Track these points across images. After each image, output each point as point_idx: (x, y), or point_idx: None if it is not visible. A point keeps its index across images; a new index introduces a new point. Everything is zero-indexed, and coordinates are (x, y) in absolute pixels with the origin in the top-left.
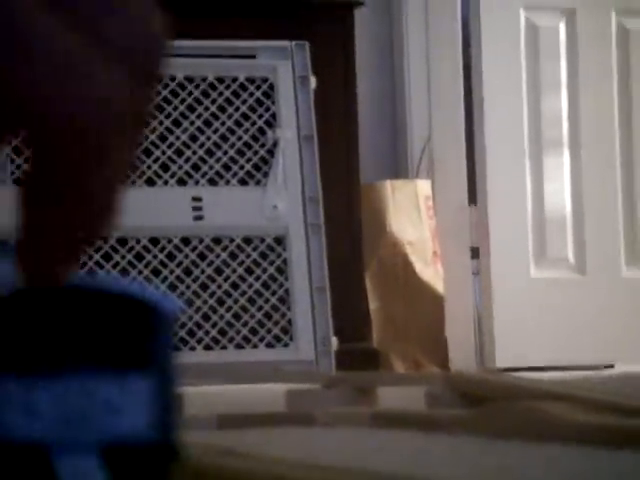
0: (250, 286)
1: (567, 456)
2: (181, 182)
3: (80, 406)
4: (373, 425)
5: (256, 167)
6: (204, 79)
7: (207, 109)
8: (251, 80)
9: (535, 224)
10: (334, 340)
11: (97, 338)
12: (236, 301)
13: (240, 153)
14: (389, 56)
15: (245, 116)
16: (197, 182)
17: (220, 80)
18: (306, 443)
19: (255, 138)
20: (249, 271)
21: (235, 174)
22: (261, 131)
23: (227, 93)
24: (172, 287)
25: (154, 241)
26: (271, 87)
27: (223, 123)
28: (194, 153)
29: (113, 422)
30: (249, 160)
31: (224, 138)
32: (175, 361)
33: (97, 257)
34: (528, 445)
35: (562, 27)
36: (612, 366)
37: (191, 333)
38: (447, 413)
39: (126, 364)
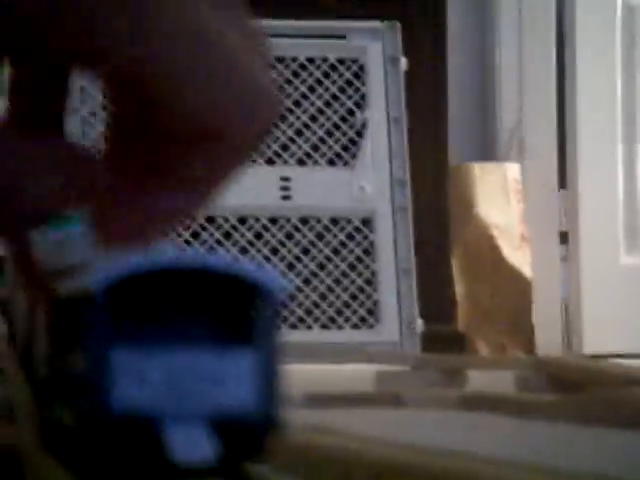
0: (336, 267)
1: None
2: (270, 162)
3: (189, 378)
4: (462, 408)
5: (344, 148)
6: (295, 59)
7: (297, 89)
8: (341, 61)
9: (626, 210)
10: (419, 322)
11: (206, 314)
12: (322, 281)
13: (329, 134)
14: (480, 37)
15: (334, 97)
16: (285, 162)
17: (310, 60)
18: (394, 424)
19: (344, 119)
20: (336, 252)
21: (323, 155)
22: (350, 112)
23: (317, 73)
24: (260, 266)
25: (242, 220)
26: (361, 68)
27: (312, 103)
28: (283, 133)
29: (220, 394)
30: (338, 141)
31: (313, 118)
32: (279, 338)
33: (185, 235)
34: (625, 433)
35: None
36: None
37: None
38: (538, 397)
39: (232, 339)
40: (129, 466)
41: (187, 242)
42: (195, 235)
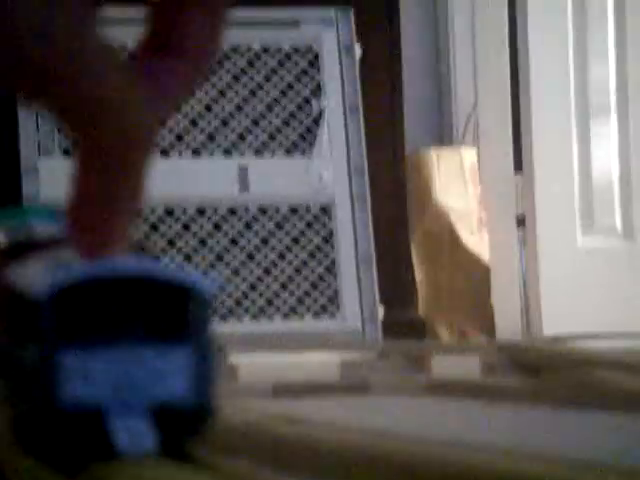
0: (296, 256)
1: (634, 424)
2: (227, 152)
3: (130, 373)
4: (429, 394)
5: (301, 137)
6: (249, 49)
7: (252, 79)
8: (295, 49)
9: (582, 192)
10: (380, 309)
11: (144, 314)
12: (282, 271)
13: (285, 123)
14: (433, 22)
15: (290, 86)
16: (243, 152)
17: (265, 50)
18: (363, 411)
19: (300, 108)
20: (295, 241)
21: (281, 144)
22: (306, 101)
23: (272, 63)
24: (219, 257)
25: (201, 211)
26: (315, 56)
27: (268, 93)
28: (240, 123)
29: (159, 387)
30: (294, 130)
31: (269, 108)
32: (212, 334)
33: (145, 228)
34: (589, 414)
35: None
36: None
37: (238, 303)
38: (503, 382)
39: (168, 337)
40: (79, 454)
41: (146, 235)
42: (154, 227)
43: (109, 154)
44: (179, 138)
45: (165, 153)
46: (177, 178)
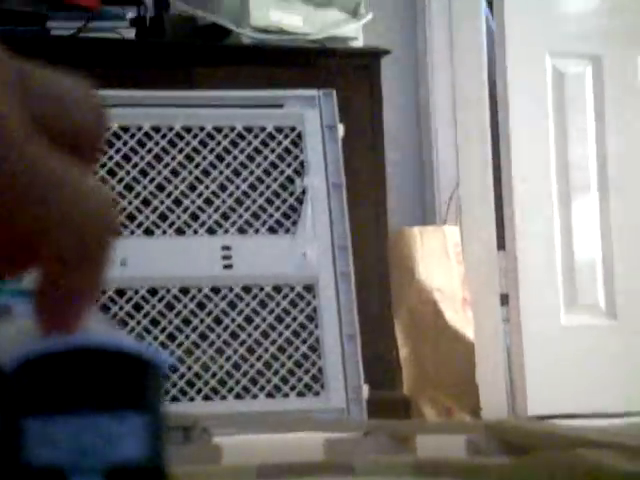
0: (280, 334)
1: None
2: (211, 231)
3: (89, 439)
4: (415, 474)
5: (285, 215)
6: (232, 129)
7: (236, 158)
8: (279, 129)
9: (565, 270)
10: (365, 388)
11: (102, 383)
12: (266, 350)
13: (269, 202)
14: (416, 103)
15: (274, 165)
16: (226, 231)
17: (248, 130)
18: None
19: (284, 186)
20: (279, 319)
21: (264, 222)
22: (290, 179)
23: (256, 142)
24: (203, 336)
25: (184, 290)
26: (299, 136)
27: (252, 172)
28: (223, 202)
29: (116, 451)
30: (278, 208)
31: (253, 187)
32: (164, 402)
33: (127, 308)
34: None
35: (589, 73)
36: None
37: (222, 382)
38: (489, 462)
39: (125, 403)
40: None
41: (129, 315)
42: (137, 307)
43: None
44: (163, 217)
45: (149, 232)
46: (161, 257)
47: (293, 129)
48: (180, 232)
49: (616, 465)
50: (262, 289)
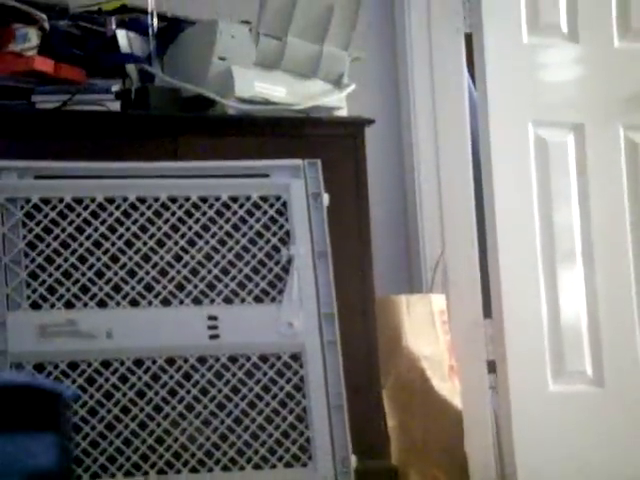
0: (267, 404)
1: None
2: (197, 301)
3: (10, 454)
4: None
5: (271, 284)
6: (218, 199)
7: (222, 228)
8: (264, 198)
9: (552, 337)
10: (353, 458)
11: (19, 412)
12: (253, 420)
13: (255, 271)
14: (400, 171)
15: (259, 234)
16: (212, 301)
17: (234, 199)
18: None
19: (269, 255)
20: (266, 389)
21: (250, 292)
22: (275, 248)
23: (241, 212)
24: (189, 407)
25: (170, 361)
26: (284, 205)
27: (238, 241)
28: (209, 272)
29: (32, 461)
30: (264, 278)
31: (239, 256)
32: (71, 426)
33: (113, 379)
34: None
35: (571, 141)
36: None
37: (209, 454)
38: None
39: (40, 427)
40: None
41: (115, 387)
42: (123, 379)
43: None
44: (149, 288)
45: (134, 303)
46: (146, 328)
47: (278, 198)
48: (166, 303)
49: None
50: (249, 359)
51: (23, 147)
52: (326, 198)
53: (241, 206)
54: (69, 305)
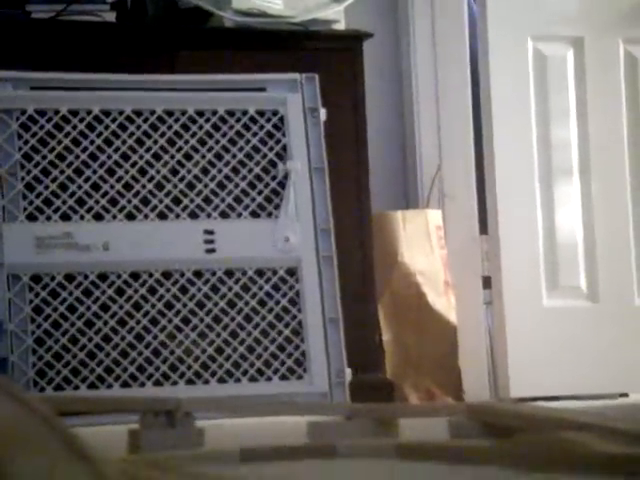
0: (263, 318)
1: None
2: (193, 215)
3: None
4: (397, 457)
5: (267, 199)
6: (215, 112)
7: (218, 142)
8: (261, 113)
9: (547, 253)
10: (348, 372)
11: None
12: (249, 333)
13: (251, 186)
14: (398, 87)
15: (256, 149)
16: (209, 215)
17: (230, 113)
18: (331, 475)
19: (266, 170)
20: (262, 303)
21: (247, 207)
22: (272, 163)
23: (238, 126)
24: (185, 320)
25: (167, 274)
26: (281, 119)
27: (234, 156)
28: (205, 186)
29: None
30: (260, 192)
31: (235, 171)
32: None
33: (109, 292)
34: (559, 477)
35: (570, 56)
36: (626, 395)
37: (205, 366)
38: (472, 444)
39: None
40: None
41: (111, 299)
42: (120, 292)
43: None
44: (145, 202)
45: (131, 217)
46: (143, 242)
47: (275, 113)
48: (162, 216)
49: (597, 447)
50: (245, 273)
51: (18, 57)
52: (323, 113)
53: (238, 120)
54: (66, 217)
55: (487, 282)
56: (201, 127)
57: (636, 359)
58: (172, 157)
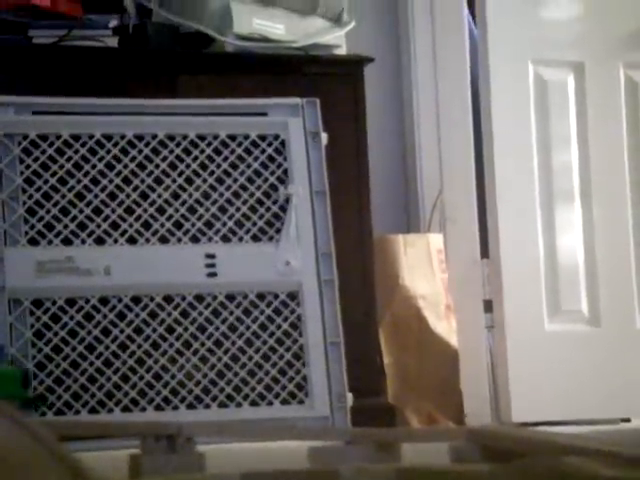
0: (264, 342)
1: None
2: (194, 239)
3: None
4: None
5: (269, 223)
6: (216, 137)
7: (219, 166)
8: (263, 137)
9: (548, 277)
10: (349, 396)
11: None
12: (250, 358)
13: (253, 210)
14: (399, 111)
15: (257, 173)
16: (210, 239)
17: (232, 138)
18: None
19: (267, 194)
20: (263, 327)
21: (248, 231)
22: (273, 187)
23: (239, 150)
24: (186, 344)
25: (168, 299)
26: (282, 144)
27: (235, 180)
28: (207, 210)
29: None
30: (262, 216)
31: (237, 195)
32: None
33: (110, 316)
34: None
35: (571, 81)
36: (629, 420)
37: (206, 390)
38: (473, 468)
39: None
40: None
41: (112, 323)
42: (121, 316)
43: None
44: (146, 226)
45: (132, 241)
46: (144, 265)
47: (277, 137)
48: (164, 240)
49: (598, 472)
50: (246, 297)
51: (20, 82)
52: (324, 137)
53: (239, 144)
54: (67, 242)
55: (488, 306)
56: (202, 151)
57: (638, 384)
58: (174, 181)
